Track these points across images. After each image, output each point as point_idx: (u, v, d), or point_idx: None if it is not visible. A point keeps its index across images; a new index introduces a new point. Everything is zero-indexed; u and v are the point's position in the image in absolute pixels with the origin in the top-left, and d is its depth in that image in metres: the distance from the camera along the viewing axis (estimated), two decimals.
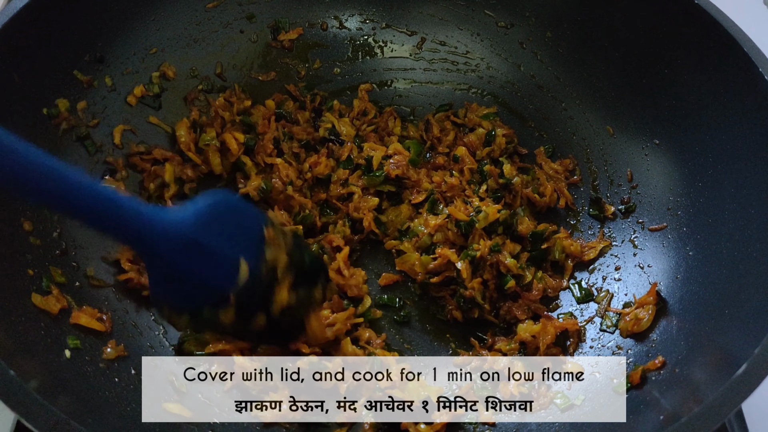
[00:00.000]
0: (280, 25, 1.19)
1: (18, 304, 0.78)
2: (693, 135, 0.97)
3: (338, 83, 1.22)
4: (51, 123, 0.95)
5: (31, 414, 0.60)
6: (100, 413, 0.73)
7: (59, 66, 0.97)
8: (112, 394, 0.78)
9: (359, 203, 1.06)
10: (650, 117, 1.04)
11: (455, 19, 1.21)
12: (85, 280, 0.90)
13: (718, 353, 0.75)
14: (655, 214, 1.00)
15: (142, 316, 0.92)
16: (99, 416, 0.71)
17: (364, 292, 1.00)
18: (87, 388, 0.76)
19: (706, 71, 0.95)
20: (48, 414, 0.60)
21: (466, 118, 1.17)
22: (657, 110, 1.03)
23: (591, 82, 1.12)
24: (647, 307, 0.90)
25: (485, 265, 0.97)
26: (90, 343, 0.82)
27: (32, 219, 0.87)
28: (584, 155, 1.12)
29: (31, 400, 0.61)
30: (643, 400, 0.78)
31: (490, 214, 0.99)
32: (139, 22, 1.06)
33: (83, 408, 0.70)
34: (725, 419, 0.63)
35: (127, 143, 1.04)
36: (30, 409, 0.60)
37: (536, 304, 0.97)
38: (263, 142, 1.10)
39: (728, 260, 0.85)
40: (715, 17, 0.92)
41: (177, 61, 1.11)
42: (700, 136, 0.96)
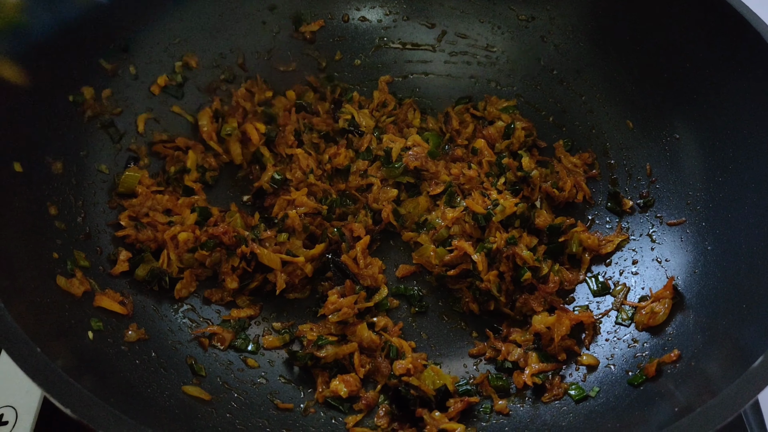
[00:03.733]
0: (302, 17, 1.20)
1: (44, 287, 0.80)
2: (714, 130, 0.97)
3: (358, 75, 1.22)
4: (77, 110, 0.97)
5: (57, 391, 0.61)
6: (122, 394, 0.74)
7: (85, 54, 0.98)
8: (134, 376, 0.79)
9: (378, 194, 1.07)
10: (671, 111, 1.03)
11: (476, 12, 1.21)
12: (109, 264, 0.92)
13: (735, 347, 0.75)
14: (673, 209, 1.00)
15: (163, 301, 0.93)
16: (121, 396, 0.72)
17: (380, 282, 1.00)
18: (109, 370, 0.78)
19: (728, 65, 0.94)
20: (73, 391, 0.61)
21: (485, 111, 1.17)
22: (678, 105, 1.02)
23: (611, 76, 1.12)
24: (663, 301, 0.90)
25: (501, 258, 0.97)
26: (112, 325, 0.84)
27: (58, 204, 0.89)
28: (603, 149, 1.11)
29: (58, 378, 0.62)
30: (657, 393, 0.78)
31: (507, 207, 1.00)
32: (163, 12, 1.08)
33: (106, 388, 0.72)
34: (740, 411, 0.63)
35: (150, 132, 1.06)
36: (57, 387, 0.62)
37: (552, 297, 0.97)
38: (284, 133, 1.11)
39: (747, 255, 0.85)
40: (738, 10, 0.91)
41: (199, 51, 1.13)
42: (721, 130, 0.95)
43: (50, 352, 0.66)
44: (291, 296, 0.99)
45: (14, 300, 0.69)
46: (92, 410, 0.60)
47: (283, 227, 1.01)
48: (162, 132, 1.07)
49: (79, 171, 0.95)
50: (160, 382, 0.81)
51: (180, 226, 0.97)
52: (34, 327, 0.68)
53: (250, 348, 0.93)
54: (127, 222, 0.96)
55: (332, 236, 1.01)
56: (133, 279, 0.93)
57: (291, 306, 0.99)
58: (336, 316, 0.93)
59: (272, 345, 0.94)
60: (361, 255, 1.00)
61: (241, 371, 0.90)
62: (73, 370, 0.68)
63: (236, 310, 0.96)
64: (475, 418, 0.87)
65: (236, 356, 0.91)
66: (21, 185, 0.85)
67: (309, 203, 1.03)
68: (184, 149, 1.07)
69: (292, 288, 0.99)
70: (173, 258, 0.95)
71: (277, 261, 0.96)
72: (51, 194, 0.89)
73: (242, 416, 0.82)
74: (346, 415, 0.87)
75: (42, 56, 0.90)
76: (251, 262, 0.96)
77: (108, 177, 0.99)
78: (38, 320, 0.73)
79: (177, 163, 1.05)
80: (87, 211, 0.93)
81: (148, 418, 0.70)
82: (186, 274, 0.95)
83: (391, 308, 1.00)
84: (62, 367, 0.65)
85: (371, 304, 0.97)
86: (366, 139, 1.12)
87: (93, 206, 0.95)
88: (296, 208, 1.02)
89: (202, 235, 0.97)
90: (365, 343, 0.93)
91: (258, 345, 0.94)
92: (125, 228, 0.96)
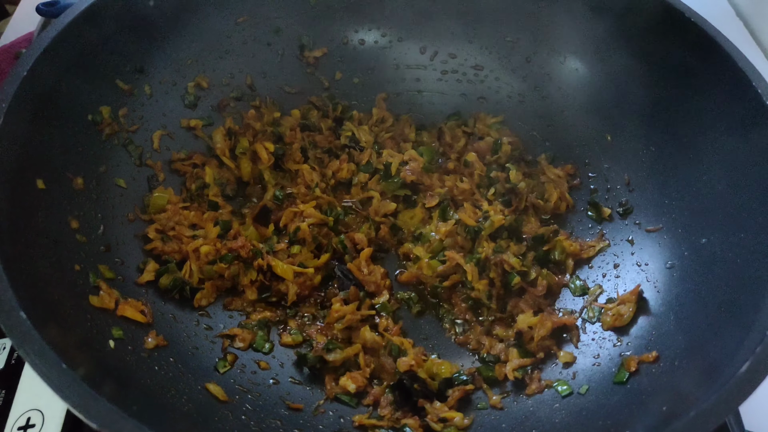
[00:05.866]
0: (305, 44, 1.16)
1: (67, 298, 0.76)
2: (687, 144, 0.94)
3: (357, 92, 1.19)
4: (95, 128, 0.93)
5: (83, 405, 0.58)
6: (143, 401, 0.70)
7: (103, 75, 0.94)
8: (153, 382, 0.76)
9: (378, 207, 1.04)
10: (647, 126, 1.01)
11: (465, 33, 1.18)
12: (129, 273, 0.88)
13: (718, 348, 0.72)
14: (651, 216, 0.98)
15: (182, 309, 0.90)
16: (143, 403, 0.69)
17: (382, 288, 0.97)
18: (130, 377, 0.74)
19: (701, 87, 0.92)
20: (99, 405, 0.57)
21: (475, 128, 1.14)
22: (653, 120, 1.00)
23: (591, 92, 1.09)
24: (629, 304, 0.89)
25: (490, 265, 0.95)
26: (132, 333, 0.80)
27: (78, 218, 0.85)
28: (584, 161, 1.09)
29: (83, 392, 0.58)
30: (644, 391, 0.76)
31: (495, 222, 0.98)
32: (176, 35, 1.04)
33: (127, 396, 0.68)
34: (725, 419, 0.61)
35: (166, 149, 1.02)
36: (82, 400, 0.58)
37: (541, 299, 0.95)
38: (291, 151, 1.08)
39: (722, 260, 0.83)
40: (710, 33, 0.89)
41: (210, 72, 1.09)
42: (694, 144, 0.93)
43: (73, 363, 0.62)
44: (303, 311, 0.96)
45: (40, 314, 0.64)
46: (118, 424, 0.56)
47: (295, 239, 0.98)
48: (179, 150, 1.03)
49: (98, 186, 0.91)
50: (179, 387, 0.77)
51: (203, 240, 0.94)
52: (59, 341, 0.64)
53: (266, 348, 0.90)
54: (154, 235, 0.93)
55: (336, 246, 0.99)
56: (153, 288, 0.89)
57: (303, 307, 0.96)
58: (341, 323, 0.90)
59: (288, 343, 0.91)
60: (365, 263, 0.97)
61: (254, 373, 0.86)
62: (96, 379, 0.64)
63: (255, 313, 0.93)
64: (471, 406, 0.85)
65: (249, 359, 0.88)
66: (44, 201, 0.81)
67: (316, 214, 1.00)
68: (201, 166, 1.03)
69: (302, 299, 0.96)
70: (194, 269, 0.91)
71: (290, 273, 0.93)
72: (72, 209, 0.85)
73: (256, 417, 0.79)
74: (354, 412, 0.84)
75: (62, 79, 0.86)
76: (267, 273, 0.93)
77: (125, 191, 0.95)
78: (62, 333, 0.69)
79: (197, 180, 1.02)
80: (106, 224, 0.89)
81: (169, 427, 0.67)
82: (207, 285, 0.92)
83: (391, 310, 0.97)
84: (84, 376, 0.60)
85: (373, 312, 0.95)
86: (366, 153, 1.09)
87: (112, 219, 0.91)
88: (304, 219, 0.99)
89: (222, 248, 0.93)
90: (368, 344, 0.90)
91: (272, 344, 0.90)
92: (153, 241, 0.93)
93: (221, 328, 0.90)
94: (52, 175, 0.83)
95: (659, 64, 0.98)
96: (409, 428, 0.80)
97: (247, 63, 1.12)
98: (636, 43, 1.01)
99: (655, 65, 0.99)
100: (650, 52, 0.99)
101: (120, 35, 0.94)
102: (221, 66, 1.10)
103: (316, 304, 0.96)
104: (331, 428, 0.81)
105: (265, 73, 1.14)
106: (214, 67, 1.09)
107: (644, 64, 1.00)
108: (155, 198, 0.96)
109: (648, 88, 1.00)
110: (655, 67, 0.99)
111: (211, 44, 1.09)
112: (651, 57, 0.99)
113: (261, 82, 1.14)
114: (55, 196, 0.82)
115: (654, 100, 1.00)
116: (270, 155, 1.06)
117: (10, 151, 0.75)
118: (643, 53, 1.00)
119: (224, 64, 1.10)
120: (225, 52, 1.10)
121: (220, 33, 1.09)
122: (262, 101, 1.13)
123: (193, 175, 1.02)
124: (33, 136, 0.80)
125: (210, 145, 1.06)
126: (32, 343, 0.60)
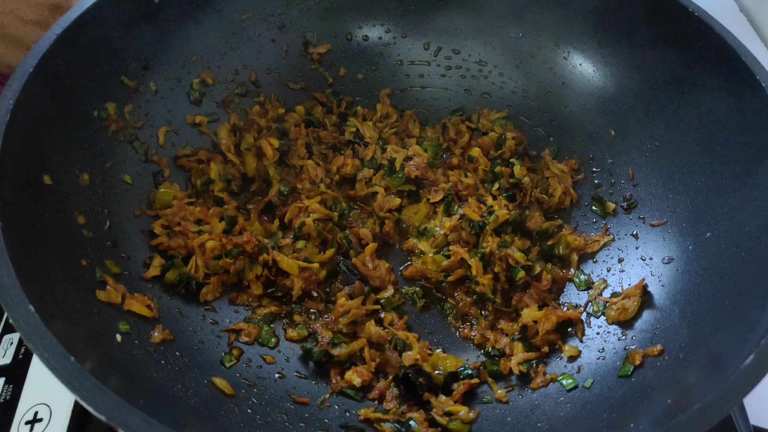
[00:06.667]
0: (309, 41, 1.16)
1: (74, 293, 0.76)
2: (691, 138, 0.94)
3: (361, 88, 1.19)
4: (101, 124, 0.93)
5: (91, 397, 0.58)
6: (150, 394, 0.70)
7: (109, 72, 0.94)
8: (160, 376, 0.76)
9: (383, 203, 1.04)
10: (650, 121, 1.01)
11: (469, 29, 1.18)
12: (135, 269, 0.88)
13: (722, 341, 0.72)
14: (655, 211, 0.97)
15: (188, 303, 0.90)
16: (149, 397, 0.69)
17: (387, 282, 0.97)
18: (137, 371, 0.74)
19: (705, 79, 0.92)
20: (107, 398, 0.58)
21: (479, 123, 1.14)
22: (657, 114, 1.00)
23: (594, 87, 1.09)
24: (633, 298, 0.88)
25: (495, 260, 0.95)
26: (139, 328, 0.80)
27: (85, 213, 0.85)
28: (588, 156, 1.09)
29: (91, 385, 0.58)
30: (649, 384, 0.76)
31: (500, 216, 0.98)
32: (181, 32, 1.04)
33: (135, 390, 0.68)
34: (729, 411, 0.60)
35: (172, 145, 1.02)
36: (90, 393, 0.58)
37: (545, 294, 0.95)
38: (296, 147, 1.08)
39: (727, 254, 0.82)
40: (714, 28, 0.89)
41: (215, 69, 1.09)
42: (698, 138, 0.93)
43: (81, 357, 0.62)
44: (308, 305, 0.95)
45: (48, 308, 0.65)
46: (125, 416, 0.56)
47: (300, 234, 0.98)
48: (184, 146, 1.03)
49: (104, 182, 0.91)
50: (185, 380, 0.77)
51: (208, 235, 0.94)
52: (67, 334, 0.64)
53: (272, 342, 0.90)
54: (160, 230, 0.93)
55: (341, 241, 0.99)
56: (159, 283, 0.89)
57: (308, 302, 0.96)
58: (346, 318, 0.90)
59: (293, 338, 0.91)
60: (370, 258, 0.97)
61: (260, 368, 0.86)
62: (103, 372, 0.65)
63: (260, 308, 0.93)
64: (476, 400, 0.85)
65: (255, 354, 0.88)
66: (51, 196, 0.81)
67: (321, 210, 1.00)
68: (206, 161, 1.03)
69: (307, 294, 0.96)
70: (200, 264, 0.91)
71: (296, 268, 0.93)
72: (79, 204, 0.85)
73: (262, 411, 0.79)
74: (360, 406, 0.84)
75: (68, 76, 0.86)
76: (272, 269, 0.93)
77: (131, 187, 0.95)
78: (70, 327, 0.69)
79: (202, 176, 1.02)
80: (112, 220, 0.89)
81: (176, 420, 0.67)
82: (213, 280, 0.92)
83: (396, 305, 0.97)
84: (91, 370, 0.61)
85: (378, 307, 0.94)
86: (370, 149, 1.09)
87: (118, 215, 0.91)
88: (309, 214, 0.99)
89: (227, 243, 0.93)
90: (374, 339, 0.90)
91: (278, 338, 0.91)
92: (159, 236, 0.93)
93: (227, 322, 0.90)
94: (59, 171, 0.83)
95: (662, 58, 0.98)
96: (414, 422, 0.80)
97: (251, 59, 1.12)
98: (638, 37, 1.01)
99: (658, 59, 0.98)
100: (653, 46, 0.99)
101: (125, 33, 0.94)
102: (226, 62, 1.10)
103: (321, 298, 0.96)
104: (336, 422, 0.81)
105: (269, 70, 1.14)
106: (218, 64, 1.09)
107: (647, 59, 1.00)
108: (161, 194, 0.97)
109: (651, 82, 1.00)
110: (658, 61, 0.98)
111: (216, 41, 1.09)
112: (653, 51, 0.99)
113: (265, 79, 1.14)
114: (61, 191, 0.82)
115: (657, 94, 0.99)
116: (275, 151, 1.06)
117: (17, 147, 0.75)
118: (646, 47, 1.00)
119: (229, 60, 1.10)
120: (230, 49, 1.10)
121: (225, 30, 1.09)
122: (266, 97, 1.13)
123: (198, 171, 1.02)
124: (39, 133, 0.80)
125: (215, 141, 1.06)
126: (41, 337, 0.61)
